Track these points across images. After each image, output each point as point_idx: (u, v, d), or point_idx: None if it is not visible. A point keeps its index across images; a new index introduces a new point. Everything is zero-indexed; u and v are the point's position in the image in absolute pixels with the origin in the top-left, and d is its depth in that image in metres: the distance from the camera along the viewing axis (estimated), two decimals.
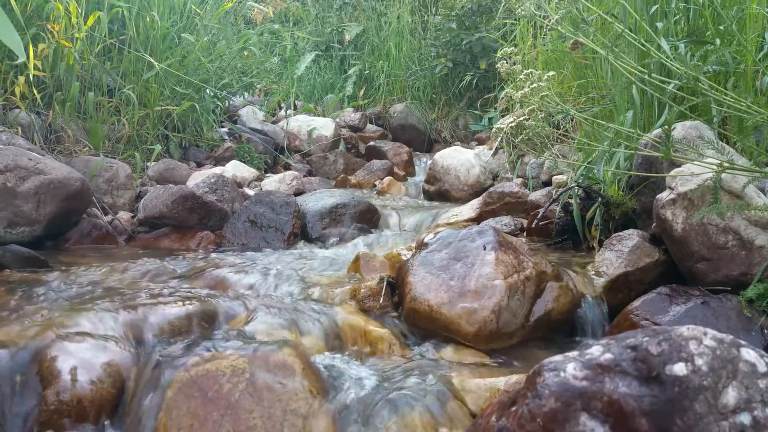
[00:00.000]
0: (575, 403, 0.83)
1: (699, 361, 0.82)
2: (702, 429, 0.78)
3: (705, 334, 0.85)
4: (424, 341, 1.55)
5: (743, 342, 0.85)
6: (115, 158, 2.86)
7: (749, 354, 0.83)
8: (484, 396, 1.21)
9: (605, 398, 0.82)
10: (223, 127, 4.19)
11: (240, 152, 3.77)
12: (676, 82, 1.70)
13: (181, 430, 1.14)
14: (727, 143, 1.83)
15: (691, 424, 0.78)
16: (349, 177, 3.93)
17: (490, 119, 4.88)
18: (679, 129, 1.74)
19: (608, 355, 0.86)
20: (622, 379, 0.83)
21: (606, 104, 2.46)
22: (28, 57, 2.62)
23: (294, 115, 4.89)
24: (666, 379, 0.81)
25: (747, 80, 1.90)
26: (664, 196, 1.61)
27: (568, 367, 0.87)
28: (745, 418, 0.79)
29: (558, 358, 0.91)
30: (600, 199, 1.99)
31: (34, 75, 2.75)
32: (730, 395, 0.80)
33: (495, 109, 4.74)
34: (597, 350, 0.89)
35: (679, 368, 0.82)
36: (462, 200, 3.21)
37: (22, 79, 2.70)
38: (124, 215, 2.50)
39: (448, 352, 1.48)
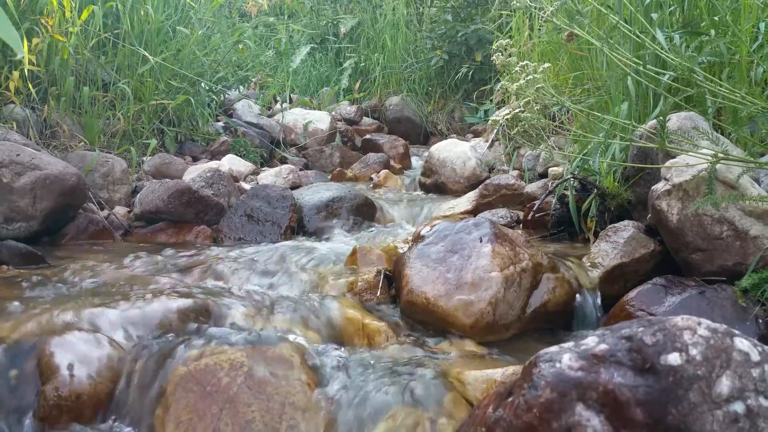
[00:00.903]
0: (571, 394, 0.84)
1: (693, 351, 0.82)
2: (696, 418, 0.79)
3: (699, 324, 0.85)
4: (421, 334, 1.56)
5: (737, 331, 0.86)
6: (110, 153, 2.85)
7: (742, 343, 0.84)
8: (481, 387, 1.22)
9: (600, 388, 0.83)
10: (218, 121, 4.17)
11: (236, 146, 3.76)
12: (671, 73, 1.70)
13: (180, 425, 1.15)
14: (722, 134, 1.84)
15: (685, 413, 0.79)
16: (346, 170, 3.92)
17: (486, 111, 4.88)
18: (674, 120, 1.74)
19: (603, 346, 0.87)
20: (617, 369, 0.84)
21: (601, 96, 2.46)
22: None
23: (290, 108, 4.87)
24: (660, 369, 0.82)
25: (741, 71, 1.90)
26: (660, 187, 1.62)
27: (563, 358, 0.87)
28: (738, 407, 0.79)
29: (554, 349, 0.91)
30: (596, 190, 2.00)
31: (28, 70, 2.74)
32: (724, 384, 0.81)
33: (491, 101, 4.73)
34: (592, 341, 0.89)
35: (674, 358, 0.82)
36: (458, 193, 3.21)
37: (16, 74, 2.68)
38: (120, 210, 2.50)
39: (445, 344, 1.49)
